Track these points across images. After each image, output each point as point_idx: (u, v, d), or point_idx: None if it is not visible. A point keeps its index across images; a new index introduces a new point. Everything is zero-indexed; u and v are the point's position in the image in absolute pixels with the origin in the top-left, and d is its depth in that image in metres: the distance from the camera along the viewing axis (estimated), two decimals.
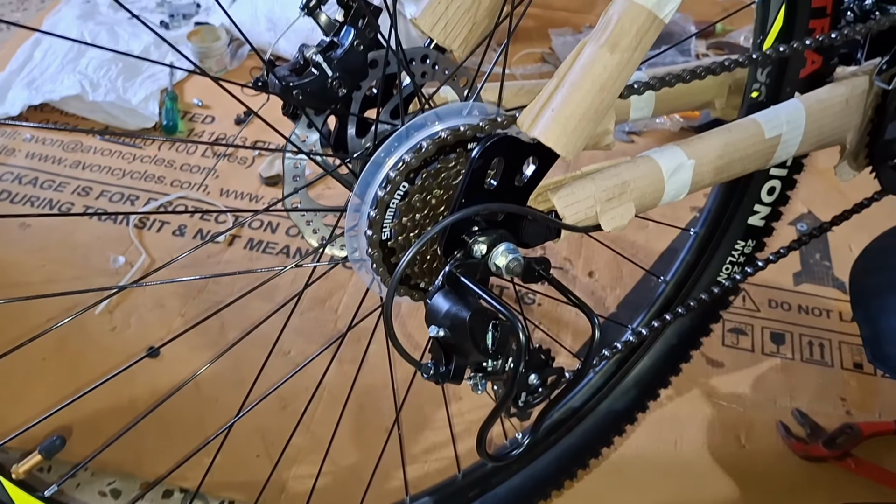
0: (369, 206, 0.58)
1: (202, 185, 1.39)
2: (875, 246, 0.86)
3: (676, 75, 0.66)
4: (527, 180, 0.57)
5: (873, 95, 0.76)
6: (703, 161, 0.65)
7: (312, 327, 1.14)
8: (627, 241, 1.26)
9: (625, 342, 0.78)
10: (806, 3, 0.73)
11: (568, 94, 0.55)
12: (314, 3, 0.61)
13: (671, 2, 0.54)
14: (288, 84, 0.59)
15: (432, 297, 0.56)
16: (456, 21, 0.64)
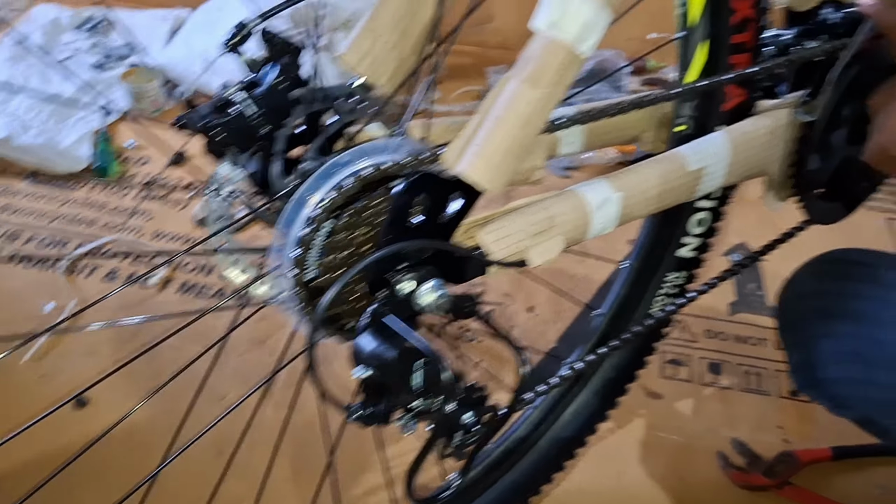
0: (292, 245, 0.57)
1: (135, 228, 1.36)
2: (802, 272, 0.87)
3: (603, 110, 0.67)
4: (452, 216, 0.57)
5: (796, 127, 0.78)
6: (629, 194, 0.66)
7: (251, 369, 1.11)
8: (567, 275, 1.27)
9: (560, 377, 0.78)
10: (726, 39, 0.74)
11: (491, 130, 0.55)
12: (237, 39, 0.60)
13: (591, 38, 0.55)
14: (209, 123, 0.58)
15: (358, 337, 0.55)
16: (382, 58, 0.64)
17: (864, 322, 0.78)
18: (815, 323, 0.82)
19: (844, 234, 1.41)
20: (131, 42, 1.73)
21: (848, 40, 0.76)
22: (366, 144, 0.59)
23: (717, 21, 0.73)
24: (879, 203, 1.55)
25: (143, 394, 1.09)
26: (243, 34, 0.60)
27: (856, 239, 1.43)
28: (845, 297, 0.80)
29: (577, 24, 0.54)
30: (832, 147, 0.81)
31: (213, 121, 0.58)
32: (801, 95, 0.78)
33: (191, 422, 0.69)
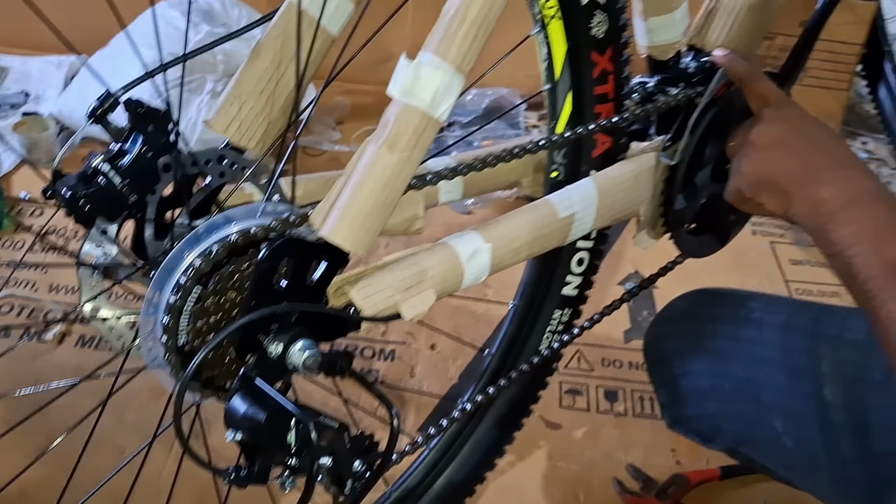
0: (162, 312, 0.57)
1: (30, 282, 1.33)
2: (665, 313, 0.91)
3: (482, 160, 0.69)
4: (320, 277, 0.59)
5: (661, 169, 0.82)
6: (499, 244, 0.68)
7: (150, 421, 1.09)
8: (468, 311, 1.30)
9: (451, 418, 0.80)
10: (590, 91, 0.78)
11: (353, 193, 0.57)
12: (100, 110, 0.61)
13: (445, 101, 0.58)
14: (74, 195, 0.58)
15: (229, 401, 0.56)
16: (250, 121, 0.65)
17: (718, 359, 0.83)
18: (675, 363, 0.87)
19: (732, 258, 1.49)
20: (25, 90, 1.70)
21: (704, 87, 0.81)
22: (233, 210, 0.60)
23: (579, 74, 0.76)
24: (763, 228, 1.63)
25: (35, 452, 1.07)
26: (108, 105, 0.61)
27: (742, 262, 1.51)
28: (699, 336, 0.85)
29: (429, 91, 0.56)
30: (697, 186, 0.86)
31: (80, 192, 0.59)
32: (663, 140, 0.83)
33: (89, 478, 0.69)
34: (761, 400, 0.81)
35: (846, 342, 0.78)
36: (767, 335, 0.82)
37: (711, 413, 0.84)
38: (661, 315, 0.92)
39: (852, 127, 2.06)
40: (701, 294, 0.91)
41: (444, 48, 0.57)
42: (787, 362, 0.80)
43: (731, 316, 0.85)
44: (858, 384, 0.75)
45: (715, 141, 0.84)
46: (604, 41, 0.76)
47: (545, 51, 0.76)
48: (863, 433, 0.74)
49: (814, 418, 0.77)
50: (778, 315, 0.83)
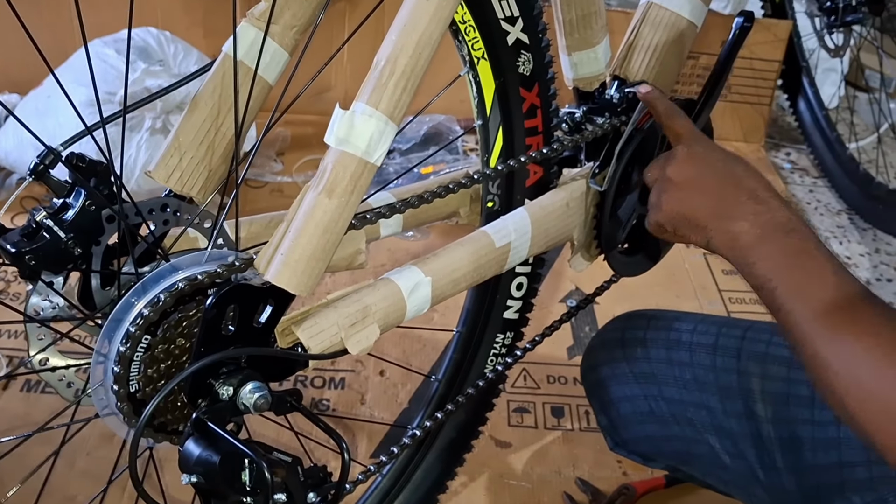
0: (112, 362, 0.59)
1: None
2: (599, 340, 0.95)
3: (410, 200, 0.72)
4: (267, 319, 0.61)
5: (592, 195, 0.86)
6: (439, 276, 0.71)
7: (100, 466, 1.10)
8: (414, 336, 1.32)
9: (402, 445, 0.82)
10: (520, 124, 0.82)
11: (294, 239, 0.59)
12: (41, 167, 0.62)
13: (380, 148, 0.60)
14: (19, 251, 0.59)
15: (183, 445, 0.57)
16: (191, 171, 0.67)
17: (653, 384, 0.86)
18: (612, 388, 0.89)
19: (667, 272, 1.55)
20: None
21: (628, 116, 0.85)
22: (181, 258, 0.62)
23: (508, 110, 0.80)
24: None
25: None
26: (48, 161, 0.62)
27: (678, 275, 1.57)
28: (633, 361, 0.88)
29: (364, 138, 0.59)
30: (626, 209, 0.90)
31: (25, 248, 0.60)
32: (592, 167, 0.87)
33: None
34: (697, 420, 0.83)
35: (773, 358, 0.81)
36: (698, 357, 0.85)
37: (650, 435, 0.87)
38: (595, 342, 0.95)
39: (776, 139, 2.15)
40: (632, 318, 0.94)
41: (375, 98, 0.59)
42: (719, 382, 0.83)
43: (663, 340, 0.88)
44: (786, 399, 0.78)
45: (640, 167, 0.88)
46: (531, 78, 0.80)
47: (475, 89, 0.80)
48: (794, 447, 0.77)
49: (747, 434, 0.80)
50: (707, 336, 0.86)
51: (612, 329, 0.93)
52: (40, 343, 0.64)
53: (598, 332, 0.95)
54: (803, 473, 0.77)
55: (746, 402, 0.81)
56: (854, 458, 0.74)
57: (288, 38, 0.68)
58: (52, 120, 1.45)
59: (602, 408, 0.91)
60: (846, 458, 0.74)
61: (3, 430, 1.14)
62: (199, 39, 1.67)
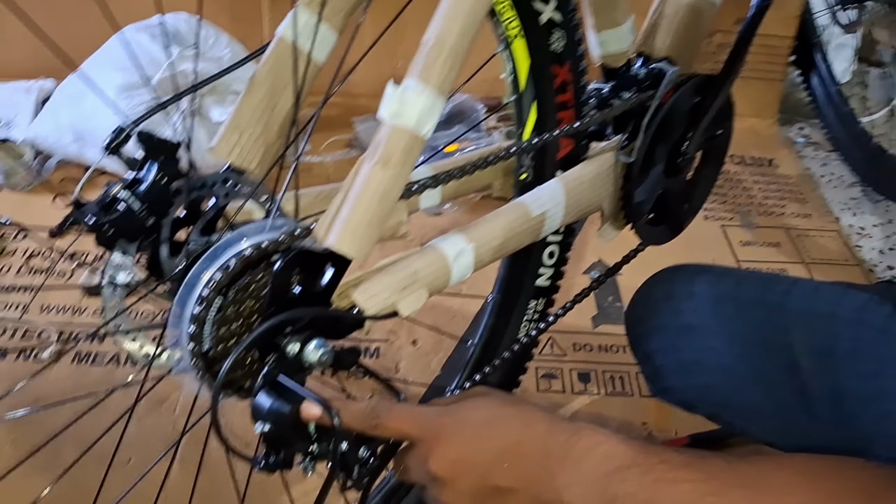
0: (187, 322, 0.64)
1: (20, 304, 1.38)
2: (637, 297, 0.99)
3: (452, 172, 0.77)
4: (327, 283, 0.66)
5: (620, 167, 0.91)
6: (481, 244, 0.76)
7: (151, 432, 1.15)
8: (444, 307, 1.37)
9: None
10: (551, 100, 0.86)
11: (352, 208, 0.64)
12: (115, 143, 0.67)
13: (429, 122, 0.65)
14: (98, 221, 0.64)
15: (255, 398, 0.63)
16: (249, 147, 0.72)
17: (697, 335, 0.88)
18: (657, 339, 0.92)
19: (687, 243, 1.58)
20: None
21: (653, 92, 0.90)
22: (245, 227, 0.67)
23: (541, 86, 0.84)
24: (714, 213, 1.73)
25: (42, 469, 1.11)
26: (121, 138, 0.66)
27: (698, 246, 1.61)
28: (678, 313, 0.90)
29: (415, 113, 0.63)
30: (651, 181, 0.94)
31: (103, 219, 0.65)
32: (620, 140, 0.91)
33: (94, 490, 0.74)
34: (741, 371, 0.85)
35: (816, 314, 0.82)
36: (743, 310, 0.86)
37: (694, 384, 0.89)
38: (641, 294, 0.96)
39: (788, 115, 2.18)
40: (678, 271, 0.95)
41: (425, 75, 0.64)
42: (763, 335, 0.84)
43: (709, 293, 0.89)
44: (829, 353, 0.79)
45: (665, 140, 0.93)
46: (562, 55, 0.84)
47: (510, 66, 0.84)
48: (836, 398, 0.78)
49: (790, 386, 0.81)
50: (752, 290, 0.87)
51: (659, 282, 0.95)
52: (114, 311, 0.69)
53: (645, 285, 0.96)
54: (845, 424, 0.78)
55: (790, 355, 0.82)
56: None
57: (337, 20, 0.73)
58: (89, 103, 1.50)
59: (646, 358, 0.93)
60: (888, 408, 0.76)
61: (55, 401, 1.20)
62: (226, 24, 1.71)
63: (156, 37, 1.50)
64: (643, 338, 0.95)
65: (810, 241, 1.68)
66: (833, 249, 1.67)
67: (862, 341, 0.79)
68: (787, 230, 1.71)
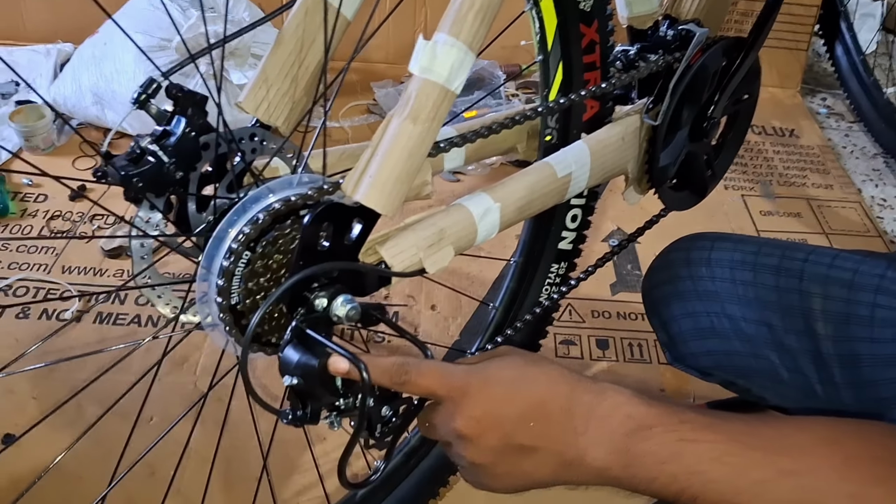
0: (216, 275, 0.64)
1: (42, 265, 1.39)
2: (656, 263, 0.98)
3: (479, 130, 0.76)
4: (355, 238, 0.66)
5: (645, 130, 0.90)
6: (507, 203, 0.76)
7: (172, 391, 1.17)
8: (463, 273, 1.37)
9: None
10: (579, 60, 0.85)
11: (381, 162, 0.63)
12: (144, 97, 0.67)
13: (460, 76, 0.64)
14: (127, 174, 0.65)
15: (283, 351, 0.63)
16: (277, 102, 0.72)
17: (715, 301, 0.88)
18: (674, 305, 0.92)
19: (707, 212, 1.59)
20: (15, 80, 1.72)
21: (681, 54, 0.89)
22: (273, 181, 0.67)
23: (569, 45, 0.83)
24: (735, 182, 1.72)
25: (66, 425, 1.12)
26: (150, 91, 0.66)
27: (717, 215, 1.60)
28: (696, 280, 0.90)
29: (446, 66, 0.63)
30: (676, 145, 0.93)
31: (131, 171, 0.65)
32: (646, 103, 0.90)
33: (116, 446, 0.75)
34: (758, 337, 0.86)
35: (834, 280, 0.82)
36: (761, 277, 0.86)
37: (710, 350, 0.90)
38: (659, 262, 0.97)
39: (811, 85, 2.15)
40: (697, 239, 0.95)
41: (456, 29, 0.63)
42: (781, 301, 0.84)
43: (727, 260, 0.89)
44: (846, 319, 0.80)
45: (692, 103, 0.92)
46: (590, 14, 0.83)
47: (537, 25, 0.83)
48: (853, 363, 0.79)
49: (807, 351, 0.82)
50: (771, 257, 0.87)
51: (677, 249, 0.95)
52: (143, 262, 0.70)
53: (663, 252, 0.96)
54: (861, 388, 0.79)
55: (807, 321, 0.83)
56: None
57: None
58: (109, 66, 1.50)
59: (663, 324, 0.94)
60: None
61: (78, 361, 1.21)
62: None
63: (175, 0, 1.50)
64: (660, 304, 0.95)
65: (831, 211, 1.67)
66: (854, 220, 1.66)
67: (880, 307, 0.79)
68: (808, 200, 1.70)
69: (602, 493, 0.61)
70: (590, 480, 0.59)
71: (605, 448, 0.58)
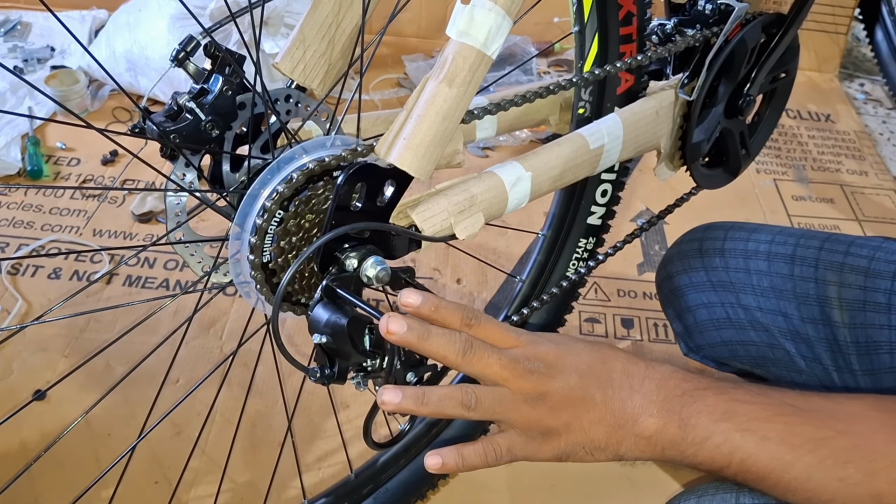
0: (249, 233, 0.65)
1: (74, 227, 1.40)
2: (670, 254, 0.98)
3: (512, 100, 0.76)
4: (388, 200, 0.66)
5: (679, 105, 0.89)
6: (539, 173, 0.75)
7: (199, 354, 1.18)
8: (490, 248, 1.37)
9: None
10: (615, 32, 0.85)
11: (416, 125, 0.63)
12: (183, 55, 0.67)
13: (496, 41, 0.64)
14: (165, 129, 0.65)
15: (313, 310, 0.63)
16: (313, 64, 0.72)
17: (729, 291, 0.89)
18: (689, 296, 0.92)
19: (737, 195, 1.57)
20: (51, 45, 1.74)
21: (719, 29, 0.87)
22: (307, 142, 0.67)
23: (606, 16, 0.83)
24: (767, 166, 1.70)
25: (95, 384, 1.15)
26: (190, 49, 0.67)
27: (748, 199, 1.59)
28: (710, 270, 0.91)
29: (483, 31, 0.63)
30: (711, 121, 0.93)
31: (169, 128, 0.65)
32: (681, 77, 0.89)
33: (144, 406, 0.76)
34: (774, 326, 0.86)
35: (850, 268, 0.83)
36: (776, 266, 0.87)
37: (726, 340, 0.90)
38: (673, 251, 0.97)
39: (850, 70, 2.12)
40: (710, 229, 0.96)
41: None
42: (796, 290, 0.85)
43: (741, 250, 0.90)
44: (863, 306, 0.80)
45: (729, 79, 0.91)
46: None
47: None
48: (870, 350, 0.80)
49: (823, 339, 0.83)
50: (785, 246, 0.88)
51: (691, 239, 0.96)
52: (177, 219, 0.70)
53: (676, 243, 0.97)
54: (880, 375, 0.79)
55: (823, 309, 0.83)
56: None
57: None
58: (143, 32, 1.51)
59: (678, 315, 0.94)
60: None
61: (108, 322, 1.23)
62: None
63: None
64: (675, 295, 0.95)
65: (865, 198, 1.65)
66: (889, 208, 1.64)
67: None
68: (842, 186, 1.68)
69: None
70: (640, 447, 0.60)
71: (661, 406, 0.59)
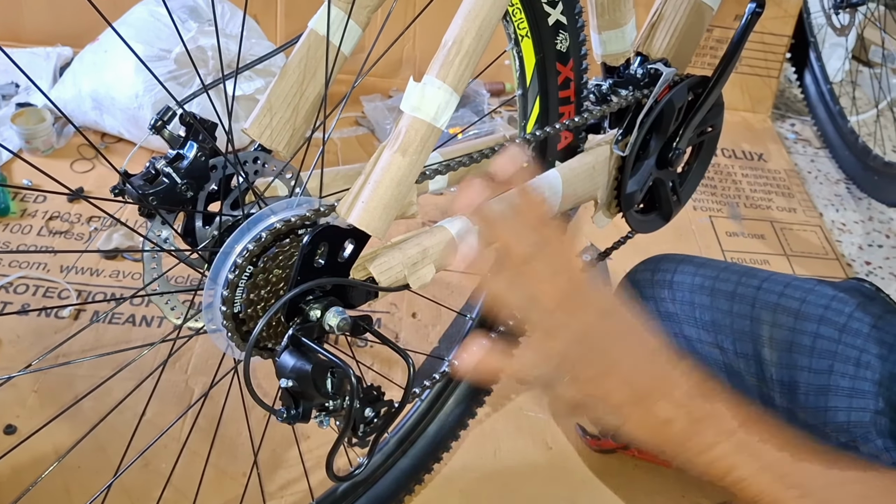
0: (222, 286, 0.71)
1: (41, 264, 1.44)
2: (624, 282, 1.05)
3: (462, 159, 0.84)
4: (348, 256, 0.73)
5: (615, 160, 0.98)
6: None
7: (165, 388, 1.23)
8: (444, 282, 1.45)
9: (442, 372, 0.95)
10: (555, 95, 0.93)
11: (373, 190, 0.71)
12: (160, 123, 0.74)
13: (445, 114, 0.72)
14: (144, 192, 0.71)
15: (280, 356, 0.70)
16: (279, 129, 0.79)
17: (674, 321, 0.95)
18: None
19: (675, 231, 1.67)
20: (15, 81, 1.78)
21: (650, 91, 0.96)
22: (274, 203, 0.74)
23: (546, 81, 0.91)
24: (703, 204, 1.81)
25: (64, 418, 1.18)
26: (166, 118, 0.73)
27: (686, 234, 1.69)
28: (658, 301, 0.97)
29: (433, 106, 0.70)
30: (644, 173, 1.02)
31: (148, 191, 0.72)
32: (616, 133, 0.98)
33: (113, 438, 0.80)
34: (710, 358, 0.93)
35: (783, 309, 0.89)
36: (718, 302, 0.93)
37: None
38: (627, 280, 1.03)
39: (782, 110, 2.25)
40: (662, 261, 1.01)
41: (443, 73, 0.70)
42: (734, 326, 0.91)
43: (688, 284, 0.96)
44: (790, 347, 0.87)
45: (659, 135, 1.00)
46: (566, 54, 0.91)
47: (518, 63, 0.91)
48: (791, 389, 0.86)
49: (752, 375, 0.90)
50: (728, 283, 0.94)
51: (643, 270, 1.01)
52: (152, 272, 0.76)
53: (632, 272, 1.02)
54: (796, 413, 0.87)
55: (755, 346, 0.90)
56: (838, 404, 0.84)
57: (363, 15, 0.80)
58: (110, 73, 1.56)
59: None
60: (832, 404, 0.84)
61: (77, 356, 1.27)
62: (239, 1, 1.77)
63: (174, 11, 1.56)
64: None
65: (793, 234, 1.76)
66: (814, 243, 1.75)
67: (821, 338, 0.86)
68: (773, 223, 1.79)
69: None
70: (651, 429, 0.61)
71: (683, 392, 0.61)
